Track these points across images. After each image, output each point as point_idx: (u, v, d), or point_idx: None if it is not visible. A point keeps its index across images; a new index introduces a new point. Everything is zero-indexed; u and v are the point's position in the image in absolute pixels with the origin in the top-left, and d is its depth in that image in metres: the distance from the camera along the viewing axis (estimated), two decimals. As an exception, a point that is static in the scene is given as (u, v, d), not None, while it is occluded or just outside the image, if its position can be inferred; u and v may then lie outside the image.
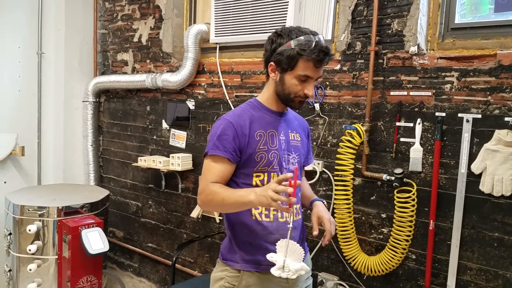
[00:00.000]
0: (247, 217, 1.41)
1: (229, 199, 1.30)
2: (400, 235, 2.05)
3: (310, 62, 1.31)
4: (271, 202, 1.17)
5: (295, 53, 1.30)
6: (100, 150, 3.65)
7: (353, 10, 2.21)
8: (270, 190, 1.17)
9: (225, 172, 1.38)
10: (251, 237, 1.41)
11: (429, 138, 2.02)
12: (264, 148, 1.39)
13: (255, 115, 1.43)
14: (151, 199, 3.29)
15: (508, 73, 1.80)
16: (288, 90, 1.37)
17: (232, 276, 1.43)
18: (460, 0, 2.03)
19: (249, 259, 1.42)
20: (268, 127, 1.42)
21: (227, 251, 1.48)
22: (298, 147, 1.51)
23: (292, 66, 1.33)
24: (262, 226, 1.40)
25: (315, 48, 1.30)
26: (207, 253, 2.94)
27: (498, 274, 1.86)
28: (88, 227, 2.52)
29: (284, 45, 1.33)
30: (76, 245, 2.47)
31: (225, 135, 1.36)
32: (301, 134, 1.56)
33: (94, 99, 3.50)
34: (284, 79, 1.36)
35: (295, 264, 1.22)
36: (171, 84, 2.93)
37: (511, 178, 1.76)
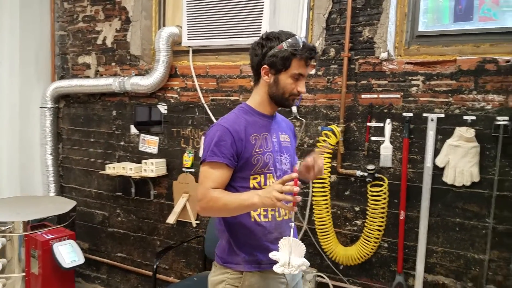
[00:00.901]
0: (246, 220, 1.53)
1: (232, 204, 1.42)
2: (373, 226, 2.39)
3: (302, 60, 1.49)
4: (276, 202, 1.31)
5: (289, 54, 1.47)
6: (59, 158, 3.71)
7: (327, 18, 2.54)
8: (274, 191, 1.31)
9: (224, 177, 1.49)
10: (251, 238, 1.54)
11: (398, 136, 2.39)
12: (260, 151, 1.52)
13: (249, 119, 1.56)
14: (119, 207, 3.41)
15: (466, 77, 2.21)
16: (283, 90, 1.52)
17: (234, 278, 1.55)
18: (423, 10, 2.43)
19: (251, 260, 1.54)
20: (261, 130, 1.56)
21: (227, 254, 1.58)
22: (289, 148, 1.67)
23: (287, 66, 1.49)
24: (261, 227, 1.54)
25: (304, 47, 1.48)
26: (183, 258, 3.12)
27: (460, 255, 2.25)
28: (60, 240, 2.60)
29: (276, 47, 1.49)
30: (47, 259, 2.53)
31: (222, 141, 1.47)
32: (289, 135, 1.71)
33: (53, 105, 3.55)
34: (279, 79, 1.51)
35: (298, 260, 1.34)
36: (141, 88, 3.10)
37: (471, 170, 2.16)
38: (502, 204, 2.14)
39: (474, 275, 2.22)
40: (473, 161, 2.16)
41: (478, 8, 2.35)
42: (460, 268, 2.25)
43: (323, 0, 2.55)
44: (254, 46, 1.57)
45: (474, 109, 2.20)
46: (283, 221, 1.59)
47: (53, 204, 3.04)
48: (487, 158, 2.17)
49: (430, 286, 2.32)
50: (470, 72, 2.21)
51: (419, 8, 2.43)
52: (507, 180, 2.13)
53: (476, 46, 2.27)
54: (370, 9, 2.44)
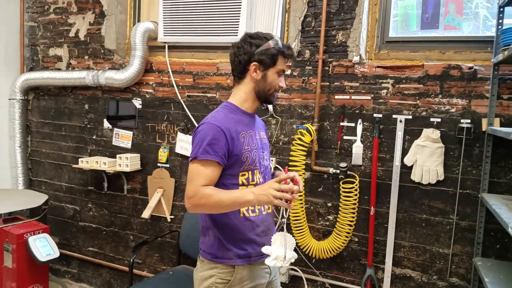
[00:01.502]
0: (235, 216, 1.55)
1: (226, 201, 1.42)
2: (345, 221, 2.42)
3: (285, 58, 1.57)
4: (273, 200, 1.34)
5: (276, 51, 1.54)
6: (28, 151, 3.51)
7: (303, 21, 2.52)
8: (272, 190, 1.34)
9: (215, 175, 1.49)
10: (241, 233, 1.56)
11: (368, 136, 2.42)
12: (248, 148, 1.55)
13: (236, 118, 1.57)
14: (91, 202, 3.27)
15: (433, 81, 2.26)
16: (270, 86, 1.57)
17: (224, 272, 1.56)
18: (393, 17, 2.46)
19: (242, 254, 1.57)
20: (247, 128, 1.59)
21: (217, 249, 1.58)
22: (267, 145, 1.72)
23: (274, 62, 1.55)
24: (250, 221, 1.57)
25: (285, 46, 1.57)
26: (156, 253, 3.04)
27: (426, 249, 2.31)
28: (34, 233, 2.49)
29: (264, 45, 1.54)
30: (22, 253, 2.43)
31: (215, 140, 1.46)
32: (265, 133, 1.77)
33: (22, 97, 3.36)
34: (267, 75, 1.56)
35: (289, 253, 1.39)
36: (116, 82, 2.97)
37: (437, 169, 2.22)
38: (464, 201, 2.22)
39: (439, 268, 2.29)
40: (438, 161, 2.22)
41: (443, 17, 2.41)
42: (426, 262, 2.31)
43: (299, 3, 2.53)
44: (239, 45, 1.58)
45: (440, 112, 2.26)
46: (267, 215, 1.64)
47: (25, 198, 2.91)
48: (451, 158, 2.23)
49: (398, 279, 2.37)
50: (436, 77, 2.27)
51: (390, 15, 2.46)
52: (469, 179, 2.21)
53: (441, 52, 2.33)
54: (343, 14, 2.45)
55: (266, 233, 1.62)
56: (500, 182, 2.15)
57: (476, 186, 2.19)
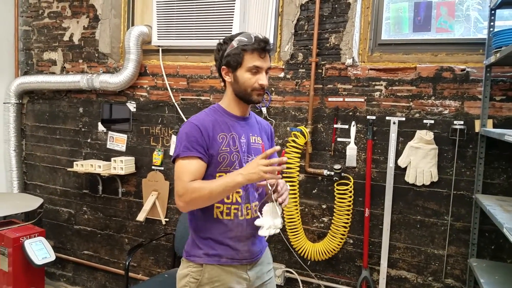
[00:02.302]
0: (209, 216, 1.49)
1: (217, 188, 1.36)
2: (339, 223, 2.33)
3: (254, 53, 1.44)
4: (264, 175, 1.31)
5: (240, 50, 1.44)
6: (23, 155, 3.38)
7: (296, 24, 2.44)
8: (261, 166, 1.31)
9: (200, 170, 1.44)
10: (213, 234, 1.49)
11: (362, 138, 2.34)
12: (226, 149, 1.48)
13: (218, 119, 1.51)
14: (86, 205, 3.16)
15: (425, 83, 2.19)
16: (244, 86, 1.47)
17: (195, 270, 1.49)
18: (385, 20, 2.38)
19: (211, 253, 1.49)
20: (230, 130, 1.51)
21: (190, 247, 1.54)
22: (258, 150, 1.58)
23: (239, 62, 1.45)
24: (222, 224, 1.48)
25: (255, 41, 1.44)
26: (152, 256, 2.93)
27: (421, 251, 2.23)
28: (30, 237, 2.39)
29: (228, 47, 1.47)
30: (18, 257, 2.34)
31: (193, 137, 1.43)
32: (263, 137, 1.64)
33: (16, 101, 3.23)
34: (237, 76, 1.47)
35: (278, 220, 1.42)
36: (111, 86, 2.87)
37: (430, 170, 2.14)
38: (458, 202, 2.14)
39: (434, 269, 2.20)
40: (432, 162, 2.15)
41: (435, 20, 2.33)
42: (421, 263, 2.23)
43: (291, 7, 2.45)
44: (214, 52, 1.55)
45: (433, 113, 2.18)
46: (244, 221, 1.51)
47: (20, 201, 2.80)
48: (445, 159, 2.16)
49: (394, 280, 2.29)
50: (429, 79, 2.19)
51: (382, 18, 2.39)
52: (463, 180, 2.13)
53: (434, 55, 2.25)
54: (336, 17, 2.37)
55: (239, 239, 1.50)
56: (493, 183, 2.07)
57: (470, 187, 2.12)
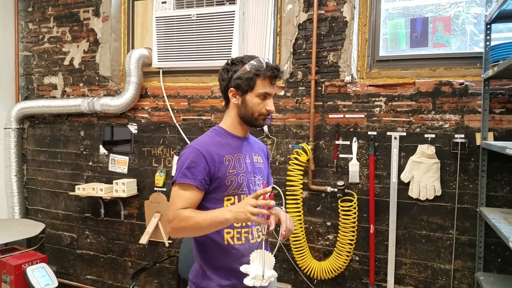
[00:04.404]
0: (220, 243, 1.44)
1: (204, 221, 1.33)
2: (345, 240, 2.34)
3: (266, 80, 1.44)
4: (250, 217, 1.25)
5: (252, 74, 1.43)
6: (24, 180, 3.41)
7: (294, 43, 2.50)
8: (248, 206, 1.25)
9: (195, 199, 1.41)
10: (225, 262, 1.44)
11: (364, 153, 2.37)
12: (233, 172, 1.45)
13: (221, 141, 1.49)
14: (88, 229, 3.17)
15: (425, 98, 2.23)
16: (251, 110, 1.46)
17: None
18: (382, 35, 2.44)
19: (225, 284, 1.44)
20: (234, 152, 1.49)
21: (200, 278, 1.49)
22: (262, 169, 1.59)
23: (251, 86, 1.44)
24: (235, 250, 1.44)
25: (267, 67, 1.43)
26: (155, 279, 2.93)
27: (427, 266, 2.24)
28: (32, 263, 2.38)
29: (240, 70, 1.45)
30: (20, 284, 2.32)
31: (194, 163, 1.40)
32: (262, 156, 1.63)
33: (17, 126, 3.28)
34: (246, 100, 1.45)
35: (268, 271, 1.30)
36: (112, 108, 2.91)
37: (434, 185, 2.17)
38: (463, 216, 2.16)
39: (441, 284, 2.21)
40: (435, 176, 2.17)
41: (432, 35, 2.39)
42: (428, 279, 2.24)
43: (289, 27, 2.51)
44: (221, 72, 1.53)
45: (433, 127, 2.22)
46: (256, 244, 1.48)
47: (21, 227, 2.79)
48: (448, 173, 2.19)
49: (401, 296, 2.29)
50: (428, 94, 2.24)
51: (379, 34, 2.45)
52: (466, 194, 2.16)
53: (432, 69, 2.31)
54: (334, 35, 2.43)
55: None
56: (497, 195, 2.10)
57: (474, 200, 2.14)
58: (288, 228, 1.43)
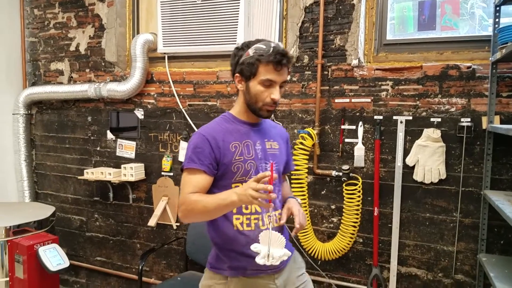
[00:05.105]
0: (229, 229, 1.46)
1: (211, 204, 1.34)
2: (349, 223, 2.38)
3: (270, 65, 1.37)
4: (252, 200, 1.23)
5: (254, 59, 1.38)
6: (33, 165, 3.46)
7: (300, 27, 2.49)
8: (249, 189, 1.23)
9: (203, 183, 1.42)
10: (235, 246, 1.46)
11: (370, 138, 2.38)
12: (240, 158, 1.44)
13: (229, 127, 1.49)
14: (97, 212, 3.23)
15: (432, 82, 2.23)
16: (255, 98, 1.42)
17: (220, 283, 1.49)
18: (390, 20, 2.43)
19: (235, 266, 1.47)
20: (243, 138, 1.48)
21: (215, 260, 1.53)
22: (276, 155, 1.55)
23: (253, 72, 1.39)
24: (244, 236, 1.45)
25: (272, 52, 1.37)
26: (164, 260, 3.00)
27: (430, 248, 2.28)
28: (44, 244, 2.46)
29: (244, 54, 1.42)
30: (33, 264, 2.40)
31: (199, 148, 1.42)
32: (279, 142, 1.60)
33: (25, 112, 3.32)
34: (249, 87, 1.42)
35: (278, 251, 1.31)
36: (118, 94, 2.94)
37: (438, 168, 2.19)
38: (467, 199, 2.19)
39: (444, 266, 2.25)
40: (440, 160, 2.19)
41: (440, 18, 2.38)
42: (431, 260, 2.27)
43: (296, 10, 2.50)
44: (231, 57, 1.51)
45: (440, 111, 2.23)
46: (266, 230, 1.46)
47: (32, 210, 2.87)
48: (453, 156, 2.20)
49: (404, 277, 2.33)
50: (435, 78, 2.23)
51: (386, 18, 2.43)
52: (471, 177, 2.17)
53: (439, 53, 2.30)
54: (341, 18, 2.42)
55: None
56: (502, 179, 2.11)
57: (478, 184, 2.16)
58: (300, 223, 1.43)
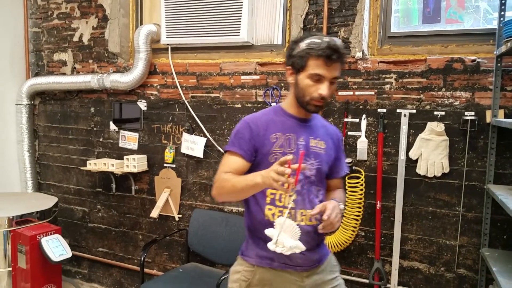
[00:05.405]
0: (260, 217, 1.48)
1: (239, 184, 1.35)
2: (351, 216, 2.38)
3: (320, 60, 1.35)
4: (273, 183, 1.22)
5: (304, 53, 1.37)
6: (36, 155, 3.48)
7: (304, 19, 2.47)
8: (272, 172, 1.23)
9: (239, 166, 1.44)
10: (264, 235, 1.44)
11: (373, 131, 2.38)
12: (280, 150, 1.44)
13: (275, 119, 1.49)
14: (100, 203, 3.24)
15: (436, 75, 2.22)
16: (303, 92, 1.41)
17: (247, 270, 1.52)
18: (394, 12, 2.41)
19: (263, 255, 1.49)
20: (286, 131, 1.47)
21: (245, 247, 1.57)
22: (320, 154, 1.52)
23: (303, 65, 1.38)
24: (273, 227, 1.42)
25: (324, 46, 1.34)
26: (166, 251, 3.01)
27: (432, 241, 2.28)
28: (46, 234, 2.47)
29: (297, 48, 1.41)
30: (35, 254, 2.41)
31: (241, 134, 1.46)
32: (327, 142, 1.56)
33: (28, 102, 3.32)
34: (298, 80, 1.41)
35: (290, 241, 1.28)
36: (121, 85, 2.93)
37: (442, 162, 2.18)
38: (470, 193, 2.18)
39: (446, 260, 2.25)
40: (443, 154, 2.18)
41: (445, 11, 2.36)
42: (433, 254, 2.27)
43: (300, 1, 2.49)
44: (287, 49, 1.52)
45: (444, 105, 2.22)
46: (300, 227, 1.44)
47: (35, 200, 2.89)
48: (456, 150, 2.19)
49: (406, 271, 2.33)
50: (439, 71, 2.22)
51: (391, 10, 2.42)
52: (474, 171, 2.17)
53: (444, 46, 2.28)
54: (345, 10, 2.41)
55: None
56: (505, 173, 2.11)
57: (482, 178, 2.15)
58: (329, 219, 1.35)
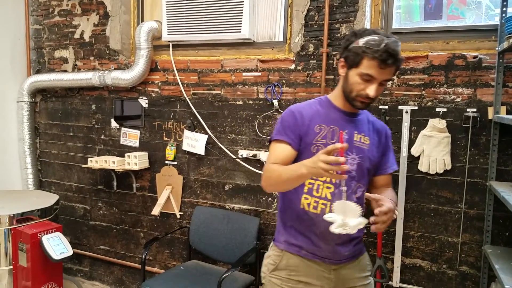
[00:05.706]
0: (296, 206, 1.48)
1: (285, 174, 1.35)
2: (353, 214, 2.38)
3: (374, 61, 1.33)
4: (323, 173, 1.20)
5: (361, 51, 1.34)
6: (37, 153, 3.48)
7: (306, 15, 2.47)
8: (320, 162, 1.19)
9: (286, 154, 1.44)
10: (296, 224, 1.50)
11: (374, 128, 2.37)
12: (323, 141, 1.44)
13: (321, 110, 1.49)
14: (101, 200, 3.24)
15: (437, 72, 2.21)
16: (350, 88, 1.40)
17: (276, 254, 1.56)
18: (396, 8, 2.41)
19: (292, 242, 1.52)
20: (330, 123, 1.46)
21: (277, 233, 1.60)
22: (363, 150, 1.49)
23: (356, 63, 1.36)
24: (308, 217, 1.46)
25: (381, 48, 1.31)
26: (167, 249, 3.01)
27: (435, 239, 2.27)
28: (47, 232, 2.46)
29: (355, 42, 1.37)
30: (36, 252, 2.41)
31: (286, 122, 1.47)
32: (372, 138, 1.54)
33: (29, 99, 3.32)
34: (349, 75, 1.40)
35: (353, 220, 1.26)
36: (122, 82, 2.93)
37: (444, 159, 2.18)
38: (472, 190, 2.18)
39: (448, 257, 2.24)
40: (445, 150, 2.17)
41: (446, 7, 2.35)
42: (435, 251, 2.27)
43: (301, -3, 2.48)
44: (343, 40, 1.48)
45: (445, 101, 2.21)
46: None
47: (36, 198, 2.88)
48: (458, 147, 2.19)
49: (408, 268, 2.33)
50: (441, 67, 2.21)
51: (393, 6, 2.41)
52: (477, 168, 2.16)
53: (445, 42, 2.27)
54: (346, 7, 2.40)
55: (323, 236, 1.45)
56: (507, 169, 2.10)
57: (484, 175, 2.14)
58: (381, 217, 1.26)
